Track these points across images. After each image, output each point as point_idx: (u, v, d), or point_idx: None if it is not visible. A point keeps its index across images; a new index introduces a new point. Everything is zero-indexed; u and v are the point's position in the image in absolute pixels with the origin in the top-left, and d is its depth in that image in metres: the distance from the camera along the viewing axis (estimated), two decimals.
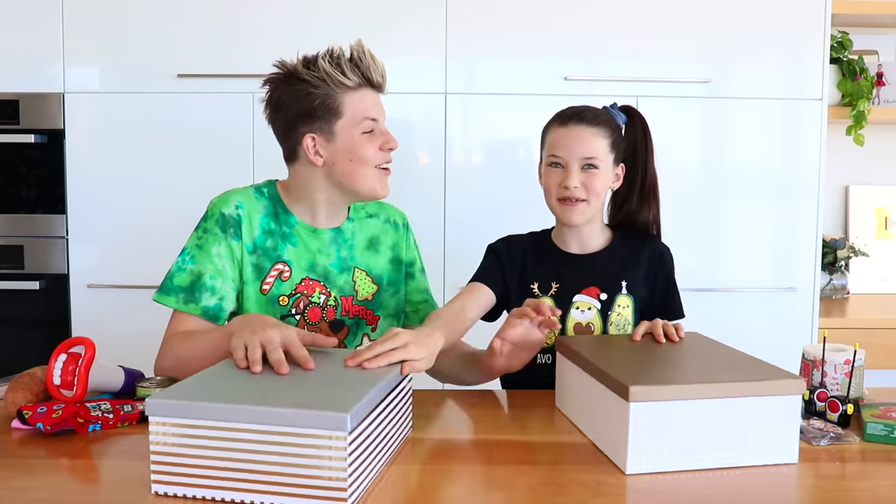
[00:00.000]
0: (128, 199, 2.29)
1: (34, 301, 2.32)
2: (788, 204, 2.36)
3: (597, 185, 1.42)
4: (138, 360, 1.47)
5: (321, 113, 1.38)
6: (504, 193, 2.30)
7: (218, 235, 1.40)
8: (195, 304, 1.38)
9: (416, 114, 2.29)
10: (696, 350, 1.24)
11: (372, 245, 1.53)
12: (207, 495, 0.92)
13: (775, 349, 2.11)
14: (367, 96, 1.41)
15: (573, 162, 1.42)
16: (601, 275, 1.47)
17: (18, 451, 1.10)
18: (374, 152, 1.41)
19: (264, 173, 2.28)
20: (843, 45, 2.55)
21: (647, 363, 1.17)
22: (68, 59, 2.27)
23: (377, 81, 1.41)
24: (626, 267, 1.48)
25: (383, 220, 1.56)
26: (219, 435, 0.91)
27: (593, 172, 1.42)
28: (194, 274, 1.39)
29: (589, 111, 1.45)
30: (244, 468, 0.91)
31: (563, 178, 1.42)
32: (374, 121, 1.41)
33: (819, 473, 1.06)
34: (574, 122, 1.43)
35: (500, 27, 2.28)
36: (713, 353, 1.21)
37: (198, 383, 1.01)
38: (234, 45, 2.26)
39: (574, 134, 1.42)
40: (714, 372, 1.11)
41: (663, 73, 2.29)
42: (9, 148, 2.28)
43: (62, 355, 1.26)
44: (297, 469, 0.89)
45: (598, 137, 1.42)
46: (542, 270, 1.49)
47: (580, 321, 1.46)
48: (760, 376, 1.07)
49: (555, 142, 1.44)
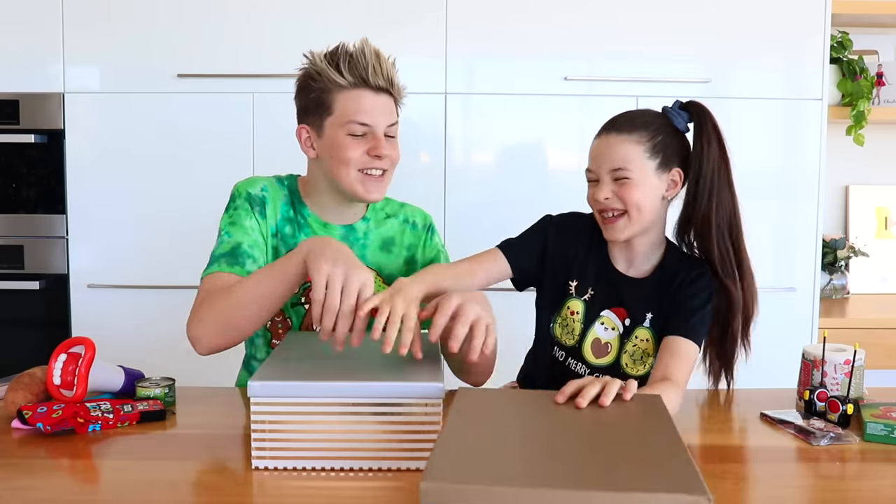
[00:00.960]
0: (128, 198, 2.29)
1: (34, 301, 2.32)
2: (788, 204, 2.36)
3: (632, 196, 1.29)
4: (138, 360, 1.47)
5: (314, 107, 1.40)
6: (504, 193, 2.30)
7: (249, 211, 1.40)
8: (241, 268, 1.32)
9: (416, 114, 2.29)
10: (610, 429, 0.91)
11: (386, 246, 1.52)
12: (308, 465, 1.02)
13: (775, 349, 2.12)
14: (364, 98, 1.37)
15: (603, 174, 1.31)
16: (631, 300, 1.37)
17: (18, 451, 1.10)
18: (359, 155, 1.38)
19: (264, 173, 2.28)
20: (843, 45, 2.55)
21: (510, 445, 0.84)
22: (68, 59, 2.26)
23: (376, 84, 1.37)
24: (656, 299, 1.35)
25: (402, 220, 1.54)
26: (319, 410, 1.01)
27: (625, 182, 1.29)
28: (233, 244, 1.35)
29: (626, 116, 1.34)
30: (344, 438, 1.01)
31: (596, 192, 1.32)
32: (364, 125, 1.37)
33: (819, 473, 1.06)
34: (605, 131, 1.33)
35: (500, 27, 2.28)
36: (635, 436, 0.89)
37: (285, 363, 1.10)
38: (234, 45, 2.26)
39: (604, 144, 1.32)
40: (581, 468, 0.78)
41: (663, 73, 2.28)
42: (9, 148, 2.28)
43: (62, 355, 1.26)
44: (396, 435, 1.01)
45: (627, 144, 1.29)
46: (586, 271, 1.40)
47: (600, 337, 1.38)
48: (642, 486, 0.74)
49: (590, 155, 1.35)
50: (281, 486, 0.98)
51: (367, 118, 1.37)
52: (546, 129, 2.32)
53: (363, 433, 1.01)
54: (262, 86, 2.24)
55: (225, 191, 1.47)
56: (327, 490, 0.97)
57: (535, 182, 2.32)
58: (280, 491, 0.97)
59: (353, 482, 0.99)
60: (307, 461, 1.01)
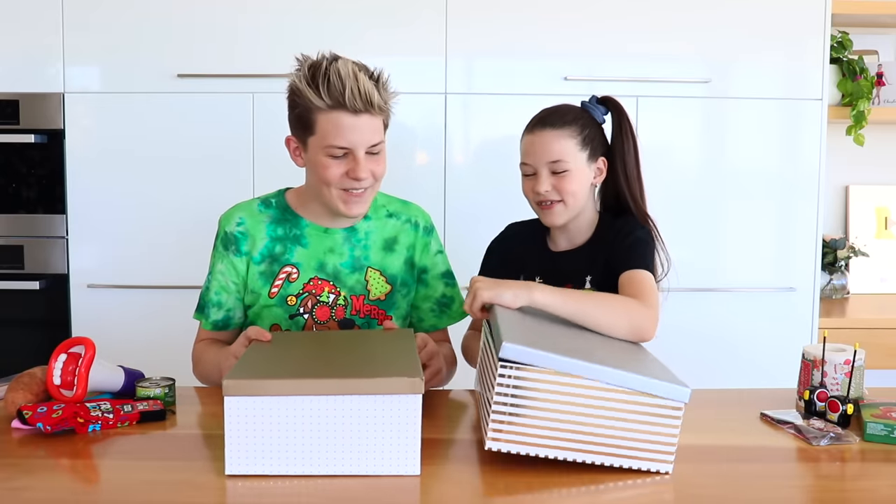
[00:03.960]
0: (128, 198, 2.29)
1: (34, 301, 2.32)
2: (788, 204, 2.36)
3: (569, 187, 1.43)
4: (138, 360, 1.47)
5: (298, 123, 1.40)
6: (504, 193, 2.29)
7: (221, 253, 1.49)
8: (206, 320, 1.51)
9: (415, 114, 2.29)
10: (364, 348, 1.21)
11: (388, 245, 1.52)
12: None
13: (775, 349, 2.12)
14: (342, 120, 1.34)
15: (541, 167, 1.44)
16: (570, 270, 1.48)
17: (18, 451, 1.10)
18: (339, 177, 1.38)
19: (264, 173, 2.29)
20: (843, 45, 2.55)
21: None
22: (68, 59, 2.26)
23: (354, 106, 1.33)
24: (594, 262, 1.46)
25: (404, 220, 1.55)
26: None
27: (563, 175, 1.43)
28: (203, 291, 1.52)
29: (554, 113, 1.47)
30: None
31: (534, 184, 1.45)
32: (343, 148, 1.36)
33: (819, 473, 1.06)
34: (539, 127, 1.45)
35: (500, 27, 2.28)
36: (382, 348, 1.20)
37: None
38: (234, 46, 2.26)
39: (539, 140, 1.44)
40: (323, 368, 1.09)
41: (663, 73, 2.28)
42: (9, 148, 2.28)
43: (62, 355, 1.26)
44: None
45: (562, 139, 1.43)
46: (530, 263, 1.52)
47: None
48: (375, 372, 1.02)
49: (524, 149, 1.48)
50: (278, 487, 0.98)
51: (344, 141, 1.35)
52: None
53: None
54: (262, 86, 2.24)
55: (225, 191, 1.48)
56: (308, 497, 0.97)
57: None
58: (280, 491, 0.97)
59: (337, 482, 0.99)
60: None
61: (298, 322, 1.47)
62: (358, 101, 1.33)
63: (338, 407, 0.99)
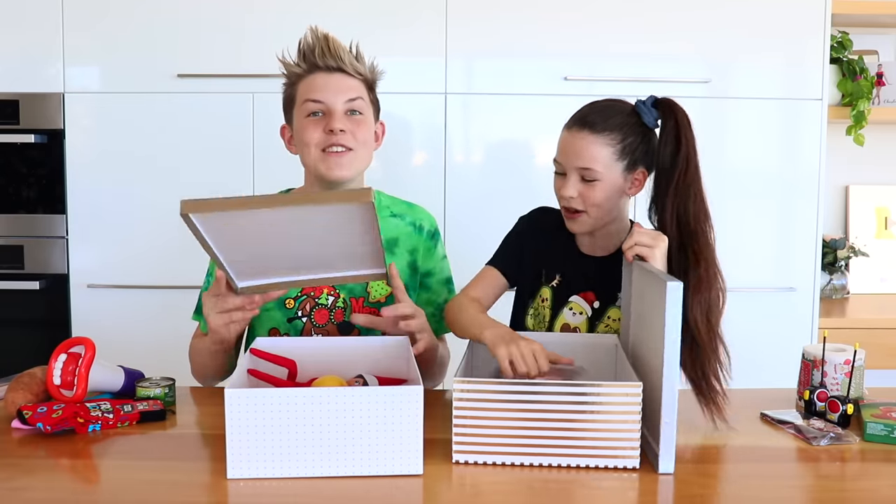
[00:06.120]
0: (128, 198, 2.29)
1: (34, 301, 2.32)
2: (788, 204, 2.36)
3: (595, 197, 1.32)
4: (138, 360, 1.47)
5: (287, 105, 1.47)
6: (504, 193, 2.30)
7: None
8: (200, 317, 1.50)
9: (415, 114, 2.29)
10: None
11: (389, 247, 1.50)
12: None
13: (775, 349, 2.12)
14: (317, 79, 1.42)
15: (571, 171, 1.33)
16: (600, 282, 1.42)
17: (18, 451, 1.10)
18: (318, 135, 1.40)
19: (264, 173, 2.29)
20: (843, 45, 2.55)
21: None
22: (68, 59, 2.26)
23: (326, 64, 1.41)
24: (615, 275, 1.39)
25: (408, 222, 1.53)
26: None
27: (592, 184, 1.32)
28: (201, 292, 1.52)
29: (599, 113, 1.34)
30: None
31: (562, 186, 1.35)
32: (318, 102, 1.41)
33: (819, 473, 1.06)
34: (577, 127, 1.33)
35: (500, 27, 2.27)
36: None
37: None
38: (234, 45, 2.26)
39: (574, 141, 1.32)
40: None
41: (663, 73, 2.28)
42: (9, 148, 2.28)
43: (62, 355, 1.26)
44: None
45: (598, 146, 1.30)
46: (554, 259, 1.45)
47: (569, 322, 1.44)
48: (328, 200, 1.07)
49: (559, 146, 1.37)
50: (279, 486, 0.98)
51: (318, 95, 1.41)
52: (546, 128, 2.30)
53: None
54: (262, 86, 2.24)
55: (225, 191, 1.48)
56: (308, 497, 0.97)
57: (535, 182, 2.32)
58: (280, 491, 0.97)
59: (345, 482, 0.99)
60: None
61: (297, 325, 1.45)
62: (329, 59, 1.41)
63: (338, 402, 1.00)
